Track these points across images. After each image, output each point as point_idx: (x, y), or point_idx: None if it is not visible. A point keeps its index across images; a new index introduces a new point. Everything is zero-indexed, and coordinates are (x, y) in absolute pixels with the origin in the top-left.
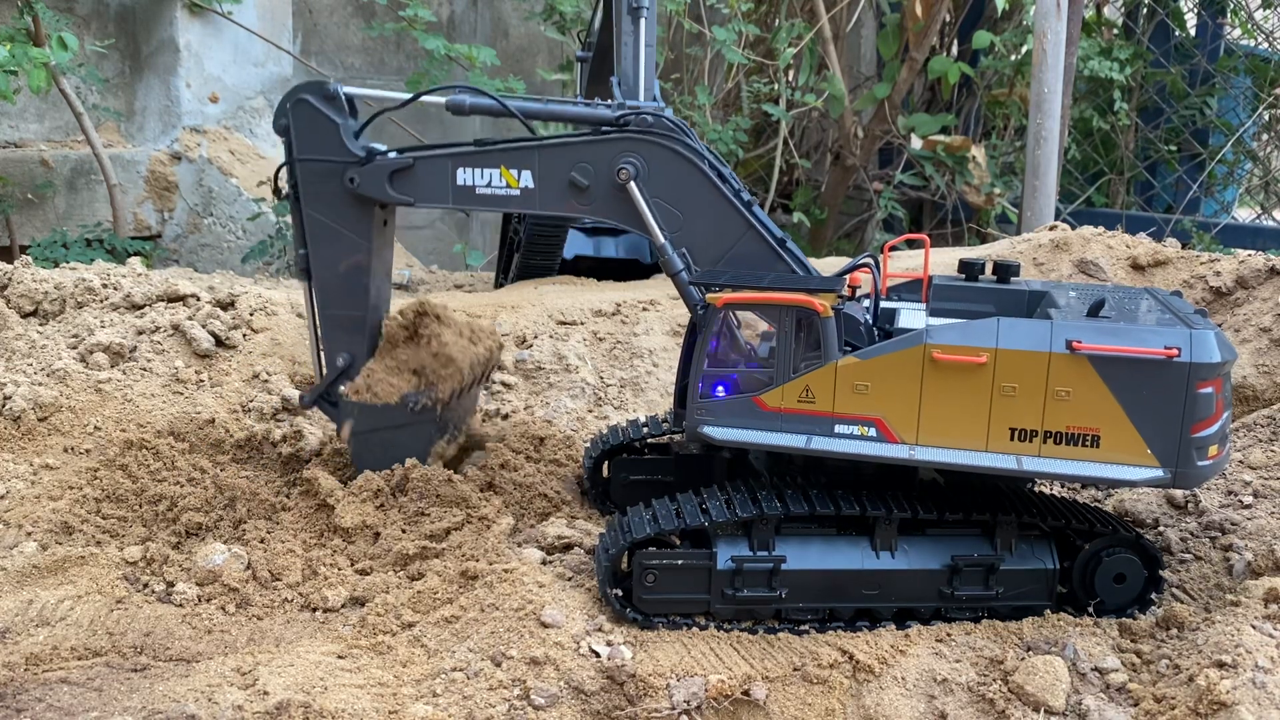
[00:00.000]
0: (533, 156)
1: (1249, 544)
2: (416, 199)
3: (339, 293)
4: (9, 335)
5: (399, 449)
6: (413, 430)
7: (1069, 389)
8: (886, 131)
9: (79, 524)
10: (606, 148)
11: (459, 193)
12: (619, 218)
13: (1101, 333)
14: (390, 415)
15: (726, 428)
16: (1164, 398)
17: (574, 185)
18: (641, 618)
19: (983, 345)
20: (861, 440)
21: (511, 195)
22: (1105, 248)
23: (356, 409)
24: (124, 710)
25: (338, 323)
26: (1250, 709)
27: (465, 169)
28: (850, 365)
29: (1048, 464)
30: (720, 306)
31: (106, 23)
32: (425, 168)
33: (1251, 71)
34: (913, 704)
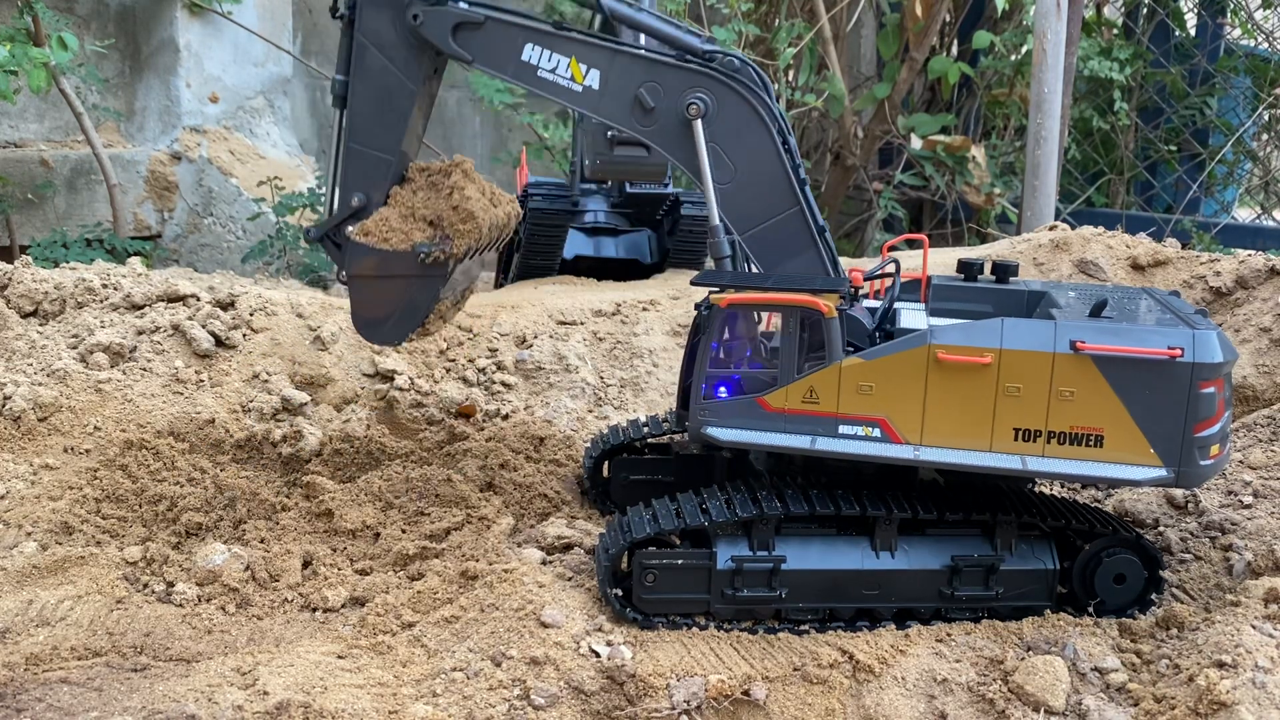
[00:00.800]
0: (607, 58)
1: (1249, 544)
2: (475, 59)
3: (371, 129)
4: (9, 335)
5: (400, 301)
6: (419, 284)
7: (1073, 389)
8: (886, 131)
9: (79, 524)
10: (684, 76)
11: (520, 68)
12: (673, 152)
13: (1105, 333)
14: (397, 263)
15: (730, 428)
16: (1167, 398)
17: (639, 103)
18: (641, 618)
19: (987, 345)
20: (866, 441)
21: (573, 90)
22: (1105, 248)
23: (363, 251)
24: (124, 710)
25: (361, 159)
26: (1250, 709)
27: (535, 46)
28: (854, 366)
29: (1052, 464)
30: (725, 307)
31: (106, 23)
32: (495, 30)
33: (1251, 71)
34: (913, 704)
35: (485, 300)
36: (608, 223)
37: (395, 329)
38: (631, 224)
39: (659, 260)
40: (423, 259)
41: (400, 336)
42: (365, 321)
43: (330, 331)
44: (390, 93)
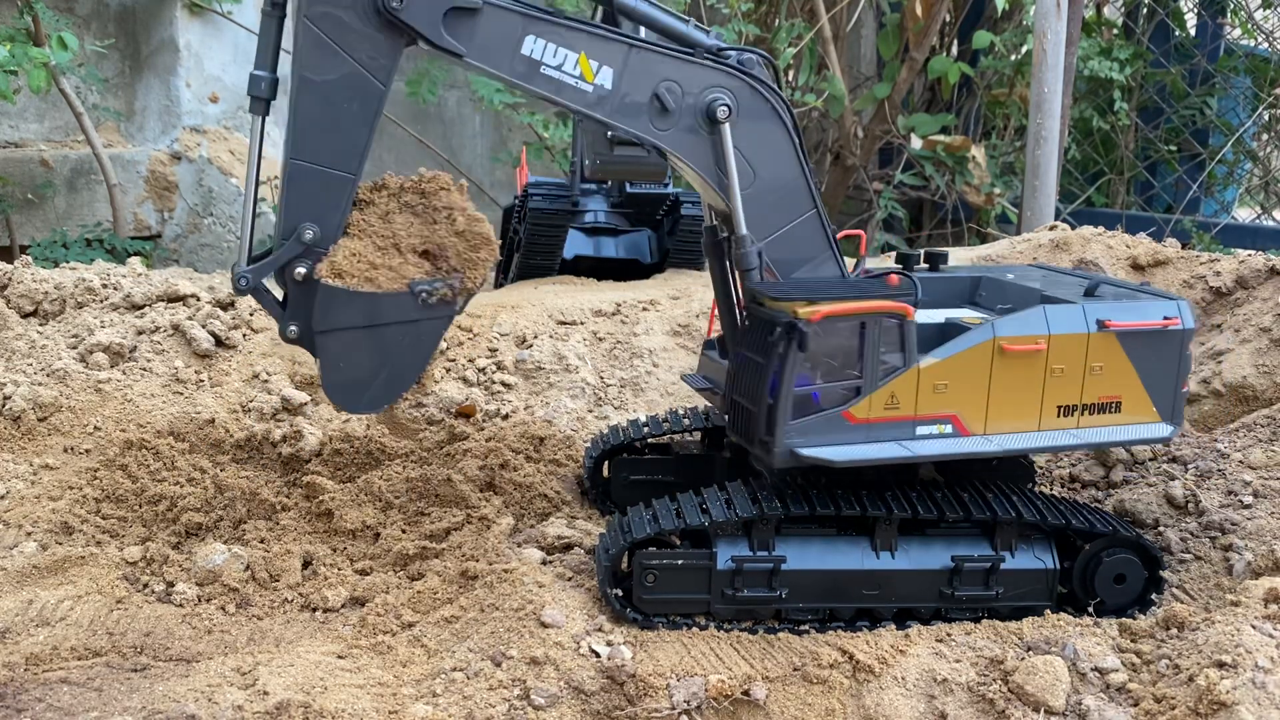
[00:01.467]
0: (622, 53)
1: (1249, 544)
2: (469, 53)
3: (323, 139)
4: (9, 335)
5: (390, 354)
6: (417, 330)
7: (1101, 363)
8: (886, 131)
9: (79, 524)
10: (702, 73)
11: (521, 64)
12: (692, 158)
13: (1120, 311)
14: (389, 308)
15: (819, 446)
16: (1166, 361)
17: (658, 103)
18: (641, 618)
19: (1039, 333)
20: (940, 439)
21: (581, 90)
22: (1105, 248)
23: (340, 299)
24: (124, 710)
25: (310, 179)
26: (1250, 709)
27: (538, 39)
28: (932, 366)
29: (1086, 434)
30: (818, 321)
31: (106, 23)
32: (493, 18)
33: (1251, 71)
34: (913, 704)
35: (485, 300)
36: (608, 223)
37: (385, 389)
38: (631, 224)
39: (659, 260)
40: (424, 299)
41: (391, 398)
42: (342, 386)
43: None
44: (351, 93)
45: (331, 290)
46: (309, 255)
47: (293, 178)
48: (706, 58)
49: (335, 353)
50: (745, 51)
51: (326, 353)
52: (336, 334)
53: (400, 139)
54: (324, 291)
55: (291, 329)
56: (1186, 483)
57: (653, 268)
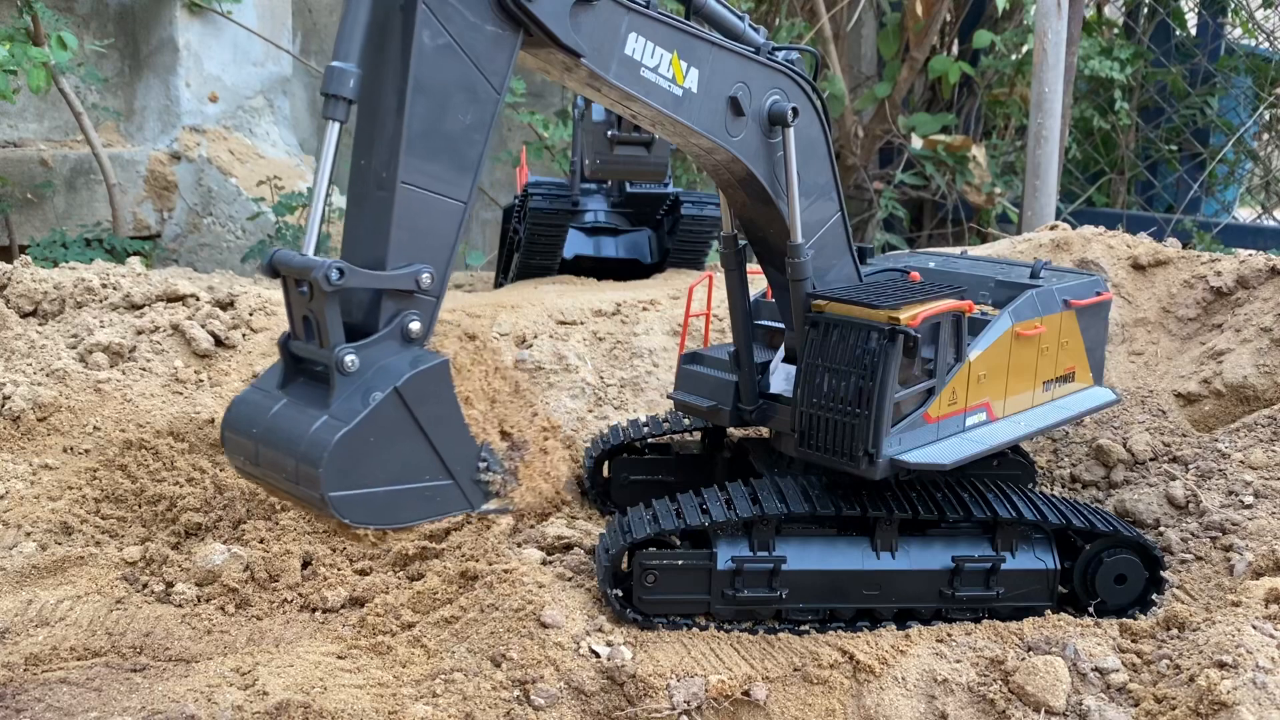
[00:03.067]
0: (707, 54)
1: (1249, 544)
2: (586, 53)
3: (435, 158)
4: (8, 335)
5: (408, 476)
6: (443, 490)
7: (1067, 339)
8: (887, 131)
9: (79, 524)
10: (765, 74)
11: (623, 63)
12: (756, 162)
13: (1073, 290)
14: (424, 466)
15: (914, 450)
16: (1099, 330)
17: (734, 105)
18: (641, 618)
19: (1037, 316)
20: (983, 427)
21: (671, 94)
22: (1105, 247)
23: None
24: (124, 710)
25: (422, 206)
26: (1250, 709)
27: (640, 37)
28: (978, 359)
29: (1061, 405)
30: (917, 325)
31: (106, 22)
32: (605, 11)
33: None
34: (913, 704)
35: (485, 300)
36: (608, 223)
37: (382, 507)
38: (631, 224)
39: (659, 260)
40: (480, 467)
41: (386, 520)
42: (341, 471)
43: None
44: (467, 103)
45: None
46: (417, 306)
47: (401, 207)
48: (766, 57)
49: (367, 433)
50: (793, 49)
51: (363, 426)
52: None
53: None
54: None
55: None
56: (1187, 483)
57: (653, 268)
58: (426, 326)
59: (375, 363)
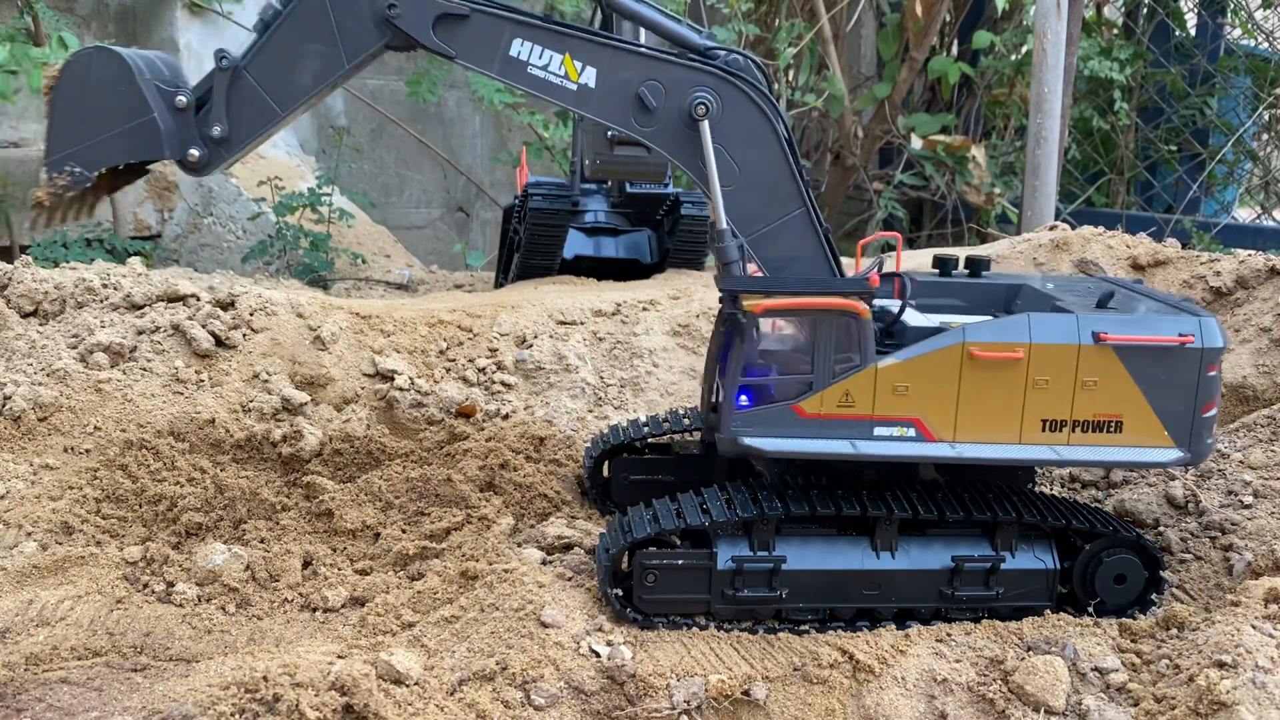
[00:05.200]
0: (605, 55)
1: (1249, 544)
2: (458, 54)
3: (276, 74)
4: (9, 335)
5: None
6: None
7: (1096, 378)
8: (886, 131)
9: (79, 524)
10: (687, 74)
11: (507, 64)
12: (675, 153)
13: (1122, 323)
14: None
15: (766, 437)
16: (1179, 382)
17: (640, 102)
18: (641, 617)
19: (1018, 340)
20: (901, 441)
21: (565, 88)
22: (1105, 248)
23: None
24: (124, 710)
25: (248, 94)
26: (1250, 709)
27: (524, 41)
28: (891, 367)
29: (1078, 452)
30: (760, 313)
31: (106, 23)
32: (480, 23)
33: (1251, 71)
34: (913, 704)
35: (485, 300)
36: (608, 223)
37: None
38: (631, 224)
39: (659, 260)
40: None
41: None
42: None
43: (330, 331)
44: (319, 53)
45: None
46: (209, 145)
47: (235, 81)
48: (692, 58)
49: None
50: (734, 53)
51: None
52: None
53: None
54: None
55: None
56: (1186, 483)
57: (653, 268)
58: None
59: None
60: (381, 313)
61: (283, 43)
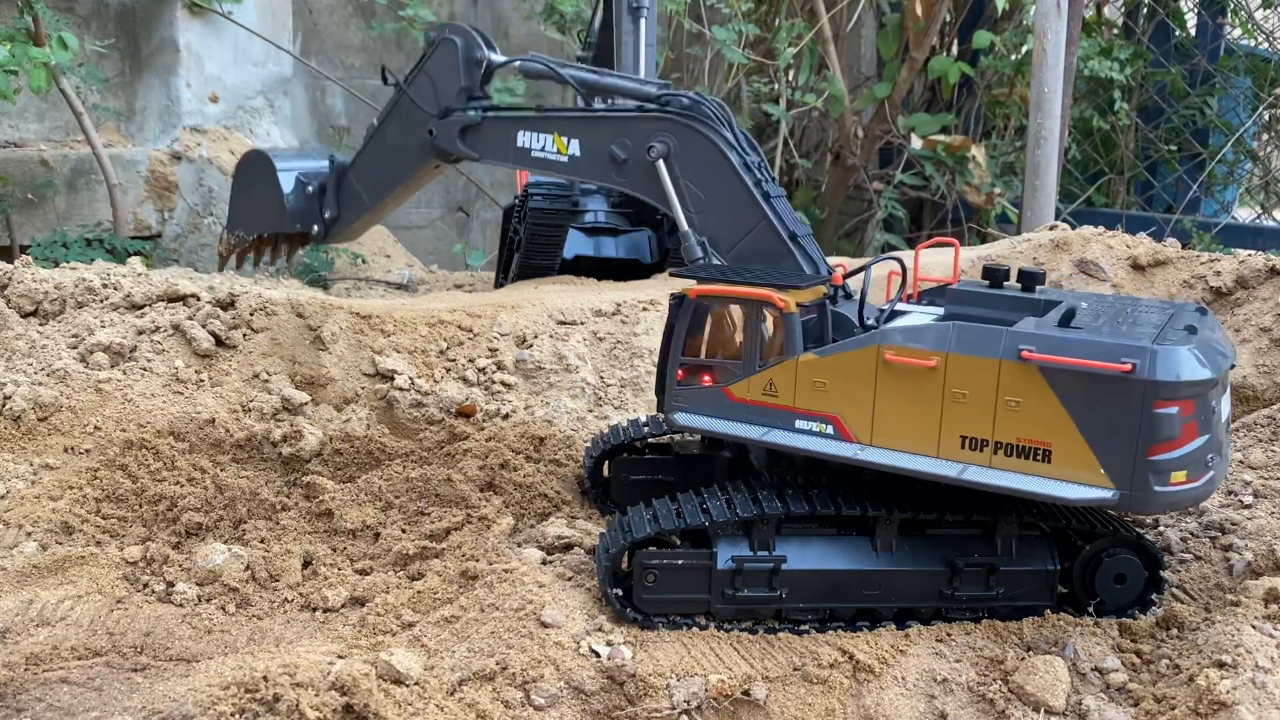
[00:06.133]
0: (582, 126)
1: (1249, 544)
2: (482, 155)
3: (369, 172)
4: (9, 335)
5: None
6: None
7: (1019, 399)
8: (886, 131)
9: (79, 524)
10: (644, 125)
11: (518, 154)
12: (649, 193)
13: (1053, 343)
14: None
15: (696, 415)
16: (1119, 415)
17: (613, 158)
18: (642, 617)
19: (933, 349)
20: (819, 437)
21: (560, 161)
22: (1105, 248)
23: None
24: (124, 710)
25: (350, 189)
26: (1250, 709)
27: (525, 132)
28: (810, 362)
29: (997, 475)
30: (692, 297)
31: (106, 23)
32: (491, 127)
33: (1251, 71)
34: (913, 704)
35: (485, 300)
36: (608, 223)
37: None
38: (631, 224)
39: (659, 260)
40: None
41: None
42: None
43: (330, 331)
44: (397, 161)
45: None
46: (325, 225)
47: (345, 183)
48: (648, 109)
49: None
50: (684, 96)
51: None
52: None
53: None
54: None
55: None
56: None
57: (653, 268)
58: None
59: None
60: (381, 313)
61: (373, 151)
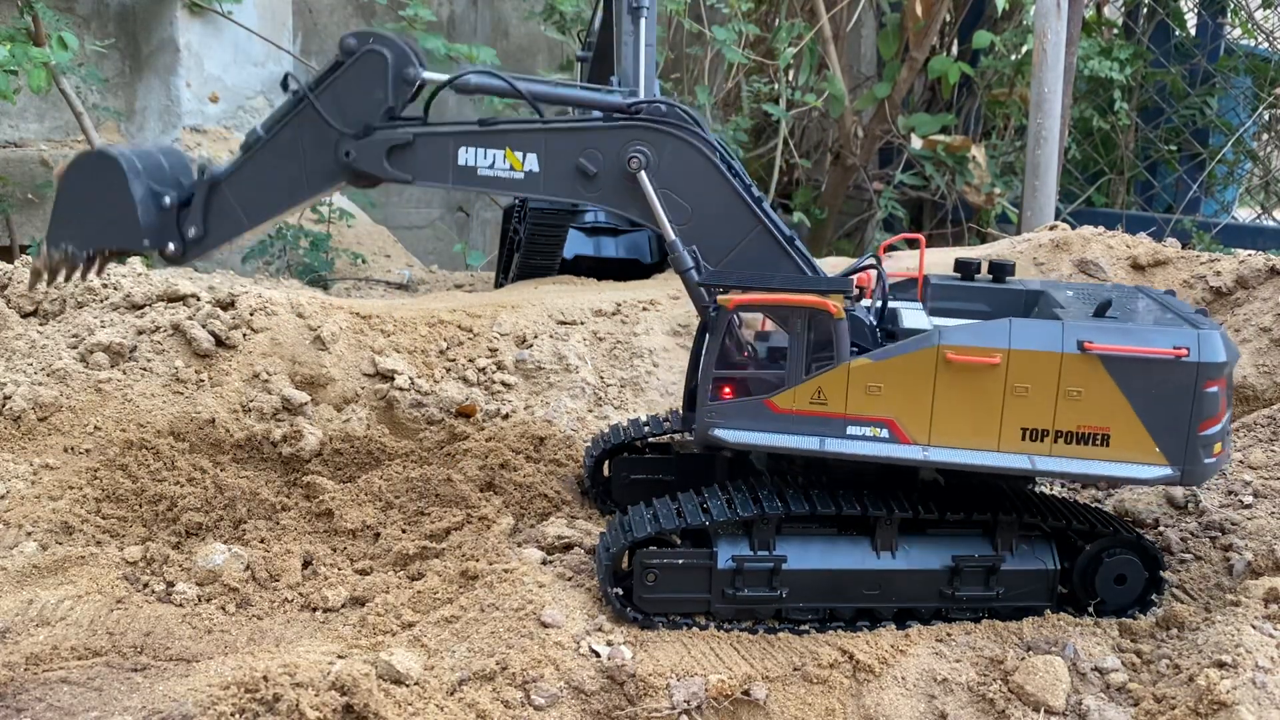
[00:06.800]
0: (539, 139)
1: (1249, 544)
2: (415, 177)
3: (250, 191)
4: (9, 335)
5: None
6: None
7: (1080, 389)
8: (886, 131)
9: (79, 524)
10: (617, 135)
11: (460, 172)
12: (626, 208)
13: (1111, 333)
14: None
15: (737, 430)
16: (1172, 396)
17: (581, 172)
18: (642, 616)
19: (996, 346)
20: (874, 442)
21: (514, 178)
22: (1105, 248)
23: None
24: (124, 710)
25: (224, 204)
26: (1250, 709)
27: (468, 148)
28: (863, 366)
29: (1059, 463)
30: (731, 308)
31: (106, 23)
32: (425, 145)
33: (1251, 71)
34: (913, 704)
35: (485, 300)
36: (608, 223)
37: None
38: (631, 224)
39: (659, 260)
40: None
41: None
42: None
43: (330, 331)
44: (287, 181)
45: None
46: (184, 243)
47: (213, 193)
48: (617, 118)
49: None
50: (656, 102)
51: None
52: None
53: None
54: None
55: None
56: None
57: (653, 268)
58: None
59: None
60: (381, 313)
61: (259, 166)
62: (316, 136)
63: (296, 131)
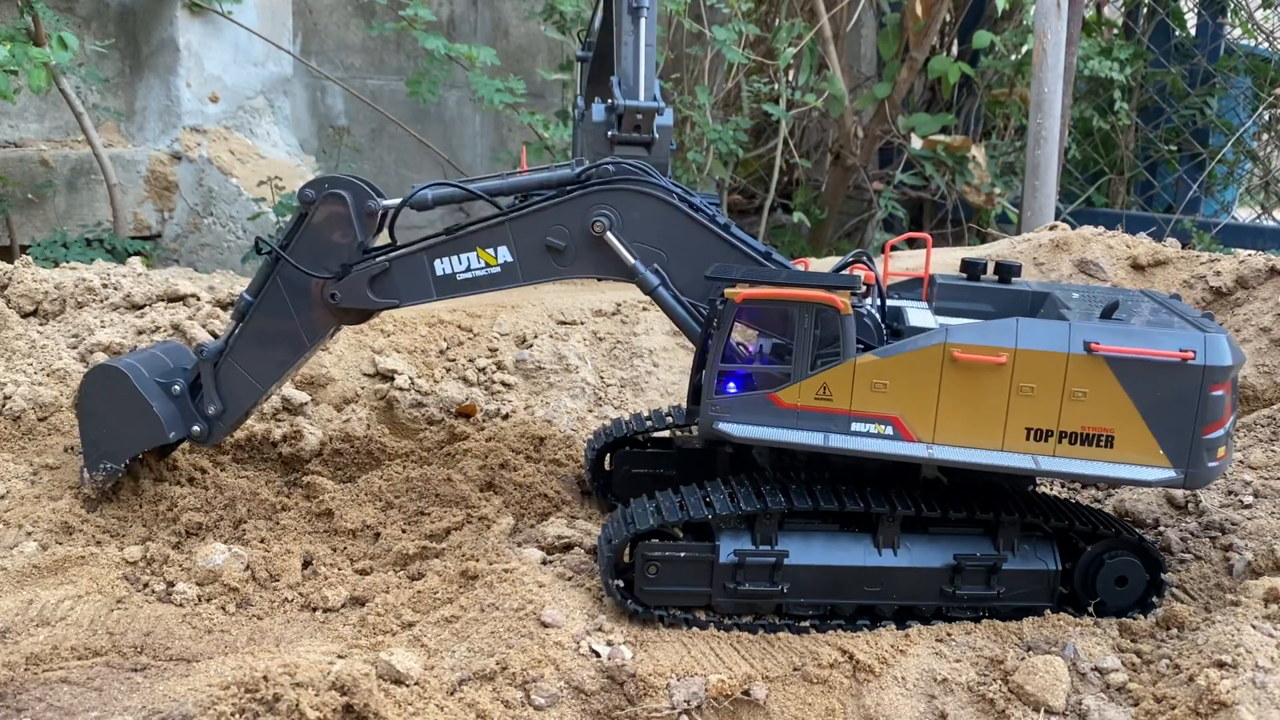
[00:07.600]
0: (504, 231)
1: (1249, 544)
2: (400, 299)
3: (255, 357)
4: (9, 335)
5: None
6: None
7: (1085, 390)
8: (886, 131)
9: (79, 524)
10: (576, 205)
11: (440, 283)
12: (602, 270)
13: (1118, 334)
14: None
15: (742, 424)
16: (1177, 399)
17: (551, 249)
18: (642, 609)
19: (1002, 345)
20: (878, 439)
21: (493, 274)
22: (1105, 247)
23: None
24: (124, 710)
25: (236, 378)
26: (1250, 709)
27: (442, 259)
28: (869, 363)
29: (1063, 464)
30: (739, 302)
31: (106, 23)
32: (401, 267)
33: (1252, 71)
34: (913, 704)
35: (485, 300)
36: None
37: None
38: None
39: None
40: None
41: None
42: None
43: None
44: (286, 337)
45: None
46: (208, 423)
47: (223, 371)
48: (570, 190)
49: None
50: (602, 164)
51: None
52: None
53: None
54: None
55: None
56: None
57: None
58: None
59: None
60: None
61: (255, 330)
62: (300, 288)
63: (280, 289)
